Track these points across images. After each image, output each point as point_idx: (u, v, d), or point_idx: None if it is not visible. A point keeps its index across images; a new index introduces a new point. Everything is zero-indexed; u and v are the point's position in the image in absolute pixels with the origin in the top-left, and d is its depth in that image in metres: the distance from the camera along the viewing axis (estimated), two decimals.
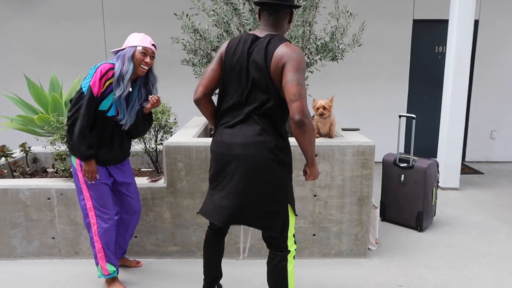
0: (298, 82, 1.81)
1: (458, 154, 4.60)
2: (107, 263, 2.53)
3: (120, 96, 2.36)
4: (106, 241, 2.51)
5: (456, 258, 3.08)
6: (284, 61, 1.84)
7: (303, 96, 1.81)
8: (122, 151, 2.58)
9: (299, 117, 1.79)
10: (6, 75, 5.73)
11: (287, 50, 1.85)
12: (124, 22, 5.62)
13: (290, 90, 1.81)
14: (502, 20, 5.66)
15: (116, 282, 2.61)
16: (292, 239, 2.07)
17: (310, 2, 3.16)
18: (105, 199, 2.49)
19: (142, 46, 2.38)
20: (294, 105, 1.80)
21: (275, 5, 1.94)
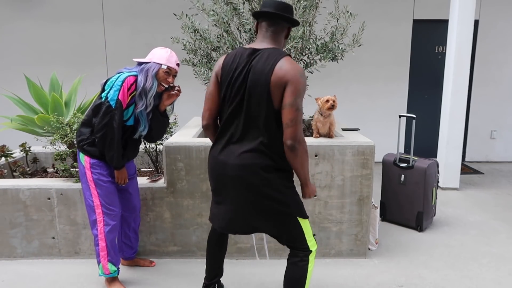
0: (296, 107, 1.82)
1: (458, 154, 4.60)
2: (109, 262, 2.54)
3: (142, 111, 2.42)
4: (111, 239, 2.53)
5: (456, 258, 3.08)
6: (286, 80, 1.82)
7: (299, 122, 1.83)
8: (133, 154, 2.64)
9: (291, 142, 1.83)
10: (6, 75, 5.73)
11: (291, 69, 1.83)
12: (124, 22, 5.62)
13: (287, 115, 1.82)
14: (502, 20, 5.66)
15: (116, 282, 2.61)
16: (312, 239, 2.06)
17: (310, 2, 3.16)
18: (112, 197, 2.51)
19: (168, 65, 2.40)
20: (288, 131, 1.83)
21: (275, 16, 1.93)
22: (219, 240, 2.32)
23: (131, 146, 2.58)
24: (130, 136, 2.53)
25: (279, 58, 1.86)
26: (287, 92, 1.82)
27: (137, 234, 2.86)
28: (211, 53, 3.36)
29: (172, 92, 2.52)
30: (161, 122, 2.59)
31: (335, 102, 2.90)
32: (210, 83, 2.05)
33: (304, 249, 2.04)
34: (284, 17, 1.93)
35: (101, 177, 2.47)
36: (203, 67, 3.31)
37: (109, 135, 2.36)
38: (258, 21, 2.00)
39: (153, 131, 2.58)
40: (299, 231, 2.01)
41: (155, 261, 3.01)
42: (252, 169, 1.90)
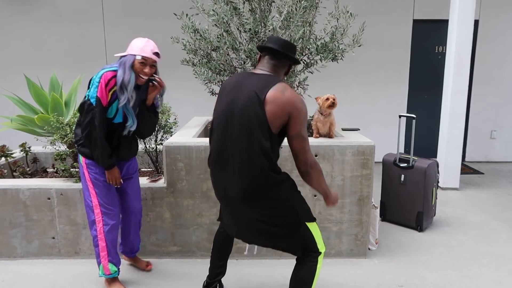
0: (303, 138, 1.89)
1: (458, 154, 4.60)
2: (109, 262, 2.53)
3: (126, 105, 2.37)
4: (111, 239, 2.52)
5: (456, 258, 3.08)
6: (290, 110, 1.85)
7: (308, 149, 1.91)
8: (129, 152, 2.61)
9: (304, 169, 1.92)
10: (6, 75, 5.73)
11: (293, 98, 1.86)
12: (124, 22, 5.61)
13: (296, 145, 1.89)
14: (502, 20, 5.66)
15: (116, 282, 2.61)
16: (322, 242, 2.08)
17: (310, 2, 3.15)
18: (110, 197, 2.51)
19: (142, 55, 2.33)
20: (299, 159, 1.91)
21: (279, 53, 1.97)
22: (227, 238, 2.35)
23: (125, 144, 2.54)
24: (122, 134, 2.50)
25: (276, 82, 1.88)
26: (292, 122, 1.87)
27: (138, 236, 2.84)
28: (211, 53, 3.36)
29: (151, 85, 2.46)
30: (148, 117, 2.53)
31: (335, 100, 2.90)
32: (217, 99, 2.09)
33: (314, 251, 2.06)
34: (288, 56, 1.99)
35: (98, 177, 2.46)
36: (203, 67, 3.31)
37: (92, 133, 2.34)
38: (262, 54, 2.04)
39: (140, 126, 2.53)
40: (310, 237, 2.04)
41: (155, 261, 3.01)
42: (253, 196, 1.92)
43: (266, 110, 1.84)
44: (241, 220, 2.05)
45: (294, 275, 2.08)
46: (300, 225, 2.02)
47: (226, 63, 3.27)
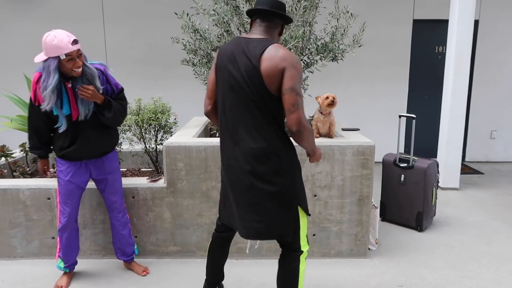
0: (297, 92, 1.83)
1: (458, 154, 4.60)
2: (59, 258, 2.68)
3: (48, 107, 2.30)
4: (62, 236, 2.62)
5: (456, 258, 3.08)
6: (284, 66, 1.82)
7: (301, 107, 1.84)
8: (93, 145, 2.52)
9: (296, 128, 1.84)
10: (6, 75, 5.73)
11: (287, 55, 1.83)
12: (124, 22, 5.61)
13: (288, 100, 1.82)
14: (502, 20, 5.66)
15: (63, 277, 2.71)
16: (305, 239, 2.07)
17: (310, 2, 3.16)
18: (66, 196, 2.56)
19: (65, 53, 2.18)
20: (291, 117, 1.83)
21: (269, 13, 1.94)
22: (222, 245, 2.30)
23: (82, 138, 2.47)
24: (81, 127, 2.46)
25: (268, 44, 1.86)
26: (285, 77, 1.82)
27: (126, 238, 2.79)
28: (211, 53, 3.36)
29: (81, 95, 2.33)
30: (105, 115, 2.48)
31: (334, 99, 2.90)
32: (211, 71, 2.07)
33: (296, 249, 2.04)
34: (278, 14, 1.94)
35: (60, 174, 2.56)
36: (203, 67, 3.31)
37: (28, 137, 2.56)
38: (252, 19, 2.01)
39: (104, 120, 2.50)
40: (297, 226, 2.01)
41: (155, 261, 3.01)
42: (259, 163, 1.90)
43: (262, 74, 1.82)
44: (242, 194, 1.97)
45: (278, 278, 2.07)
46: (293, 206, 1.98)
47: None
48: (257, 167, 1.91)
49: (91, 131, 2.50)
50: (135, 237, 3.02)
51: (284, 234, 2.01)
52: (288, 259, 2.05)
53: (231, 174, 2.00)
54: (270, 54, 1.83)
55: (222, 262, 2.35)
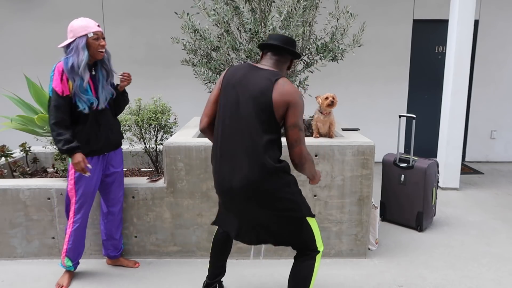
0: (299, 128, 1.94)
1: (458, 154, 4.60)
2: (66, 257, 2.66)
3: (81, 85, 2.39)
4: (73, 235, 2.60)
5: (456, 258, 3.08)
6: (289, 100, 1.91)
7: (303, 142, 1.96)
8: (114, 135, 2.65)
9: (298, 161, 1.97)
10: (6, 75, 5.73)
11: (293, 91, 1.92)
12: (124, 22, 5.61)
13: (292, 135, 1.93)
14: (502, 20, 5.66)
15: (65, 276, 2.70)
16: (320, 240, 2.11)
17: (310, 2, 3.16)
18: (88, 196, 2.58)
19: (93, 32, 2.38)
20: (295, 151, 1.95)
21: (280, 48, 2.04)
22: (226, 239, 2.35)
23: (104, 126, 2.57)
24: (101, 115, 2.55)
25: (280, 76, 1.96)
26: (290, 113, 1.92)
27: (120, 233, 2.88)
28: (211, 53, 3.36)
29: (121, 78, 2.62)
30: (121, 99, 2.69)
31: (334, 98, 2.90)
32: (215, 89, 2.11)
33: (313, 249, 2.08)
34: (289, 50, 2.05)
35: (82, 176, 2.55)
36: (203, 67, 3.31)
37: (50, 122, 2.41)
38: (264, 52, 2.11)
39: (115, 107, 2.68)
40: (310, 233, 2.06)
41: (155, 261, 3.01)
42: (260, 189, 1.94)
43: (273, 102, 1.91)
44: (244, 216, 2.04)
45: (292, 274, 2.09)
46: (303, 220, 2.04)
47: (226, 63, 3.27)
48: (256, 191, 1.94)
49: (109, 121, 2.61)
50: (135, 237, 3.02)
51: (294, 244, 2.08)
52: (305, 257, 2.08)
53: (227, 197, 2.03)
54: (280, 85, 1.92)
55: (225, 257, 2.40)
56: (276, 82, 1.93)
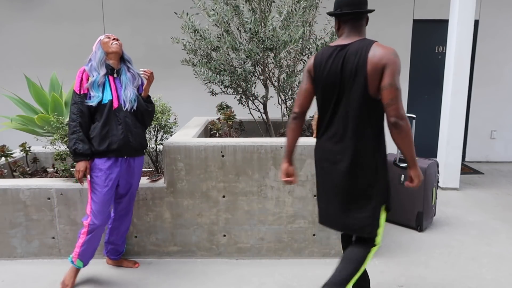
0: (396, 87, 1.90)
1: (458, 154, 4.60)
2: (78, 259, 2.61)
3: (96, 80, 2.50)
4: (88, 238, 2.55)
5: (456, 258, 3.08)
6: (384, 63, 1.90)
7: (400, 100, 1.91)
8: (133, 137, 2.59)
9: (394, 119, 1.90)
10: (6, 75, 5.73)
11: (385, 52, 1.91)
12: (124, 22, 5.61)
13: (388, 95, 1.90)
14: (502, 20, 5.66)
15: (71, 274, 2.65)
16: (381, 235, 2.09)
17: (310, 2, 3.16)
18: (103, 205, 2.54)
19: (104, 35, 2.62)
20: (390, 109, 1.90)
21: (359, 13, 2.02)
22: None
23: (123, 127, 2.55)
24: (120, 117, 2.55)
25: (370, 47, 1.94)
26: (385, 74, 1.90)
27: (125, 238, 2.89)
28: (211, 53, 3.36)
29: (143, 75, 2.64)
30: (145, 107, 2.66)
31: None
32: (304, 80, 2.12)
33: (373, 240, 2.07)
34: (366, 11, 2.04)
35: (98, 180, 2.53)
36: (203, 67, 3.31)
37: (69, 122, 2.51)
38: (341, 20, 2.06)
39: (140, 116, 2.65)
40: (379, 222, 2.05)
41: (155, 261, 3.01)
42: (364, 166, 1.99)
43: (368, 73, 1.91)
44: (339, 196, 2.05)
45: (348, 253, 2.08)
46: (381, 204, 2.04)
47: (226, 63, 3.27)
48: (358, 165, 1.98)
49: (131, 123, 2.59)
50: (135, 237, 3.02)
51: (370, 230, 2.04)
52: (363, 245, 2.08)
53: (333, 174, 2.06)
54: (374, 53, 1.91)
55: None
56: (369, 54, 1.91)
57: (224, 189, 2.94)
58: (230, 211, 2.97)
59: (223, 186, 2.93)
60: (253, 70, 3.33)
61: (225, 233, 3.01)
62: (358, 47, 1.95)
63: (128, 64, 2.70)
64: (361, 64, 1.92)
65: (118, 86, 2.59)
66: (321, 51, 2.06)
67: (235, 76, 3.28)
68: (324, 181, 2.11)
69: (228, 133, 3.46)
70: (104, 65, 2.57)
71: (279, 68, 3.32)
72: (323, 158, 2.09)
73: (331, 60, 2.00)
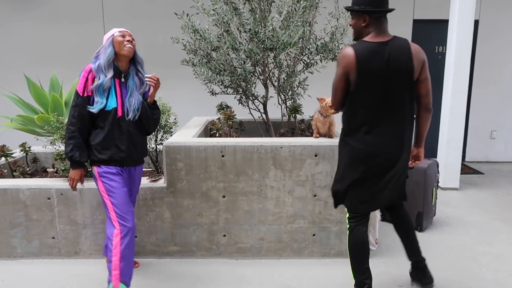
0: (429, 79, 2.26)
1: (458, 154, 4.60)
2: (121, 283, 2.32)
3: (102, 84, 2.32)
4: (123, 255, 2.31)
5: (456, 258, 3.08)
6: (423, 59, 2.20)
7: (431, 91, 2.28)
8: (135, 149, 2.48)
9: (430, 106, 2.29)
10: (6, 75, 5.73)
11: (421, 49, 2.22)
12: (124, 22, 5.61)
13: (426, 86, 2.24)
14: (502, 20, 5.66)
15: None
16: None
17: (310, 2, 3.16)
18: (127, 204, 2.37)
19: (118, 31, 2.42)
20: (428, 98, 2.26)
21: (389, 11, 2.25)
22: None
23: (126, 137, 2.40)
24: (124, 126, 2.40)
25: (408, 43, 2.20)
26: (424, 68, 2.21)
27: None
28: (211, 53, 3.36)
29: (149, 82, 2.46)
30: (150, 114, 2.53)
31: None
32: (342, 78, 2.23)
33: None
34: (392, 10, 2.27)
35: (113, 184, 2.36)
36: (203, 67, 3.31)
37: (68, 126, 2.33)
38: (371, 16, 2.20)
39: (145, 122, 2.52)
40: None
41: (155, 261, 3.01)
42: (407, 150, 2.27)
43: (414, 67, 2.16)
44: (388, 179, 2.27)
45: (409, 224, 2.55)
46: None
47: (226, 63, 3.27)
48: (406, 148, 2.24)
49: (134, 133, 2.45)
50: (135, 237, 3.02)
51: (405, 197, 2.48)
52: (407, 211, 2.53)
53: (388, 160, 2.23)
54: (415, 49, 2.19)
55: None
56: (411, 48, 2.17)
57: (224, 189, 2.94)
58: (230, 211, 2.97)
59: (223, 186, 2.93)
60: (253, 70, 3.33)
61: (225, 233, 3.01)
62: (399, 43, 2.17)
63: (139, 66, 2.49)
64: (408, 59, 2.13)
65: (124, 92, 2.41)
66: (360, 48, 2.15)
67: (235, 76, 3.28)
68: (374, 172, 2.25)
69: (228, 133, 3.46)
70: (111, 66, 2.36)
71: (279, 68, 3.32)
72: (376, 152, 2.21)
73: (376, 56, 2.13)
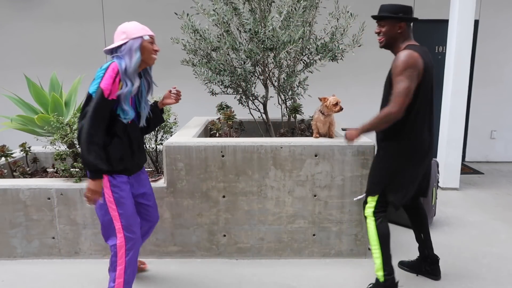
0: None
1: (458, 154, 4.60)
2: None
3: (129, 92, 2.11)
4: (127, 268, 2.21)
5: (456, 258, 3.08)
6: None
7: None
8: (141, 153, 2.36)
9: None
10: (6, 75, 5.73)
11: None
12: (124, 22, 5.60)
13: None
14: (502, 20, 5.66)
15: None
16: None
17: (310, 2, 3.16)
18: (135, 215, 2.24)
19: (149, 35, 2.19)
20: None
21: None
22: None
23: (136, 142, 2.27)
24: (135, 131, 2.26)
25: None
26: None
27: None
28: (211, 53, 3.36)
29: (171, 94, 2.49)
30: (157, 116, 2.50)
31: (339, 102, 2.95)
32: (413, 80, 2.27)
33: None
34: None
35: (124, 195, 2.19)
36: (203, 67, 3.31)
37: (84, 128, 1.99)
38: (407, 24, 2.47)
39: (152, 126, 2.47)
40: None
41: (155, 261, 3.01)
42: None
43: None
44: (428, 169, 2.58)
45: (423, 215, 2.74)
46: None
47: (226, 63, 3.28)
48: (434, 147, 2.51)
49: (140, 136, 2.33)
50: None
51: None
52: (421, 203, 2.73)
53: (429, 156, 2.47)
54: None
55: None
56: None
57: (224, 189, 2.94)
58: (230, 211, 2.97)
59: (223, 186, 2.93)
60: (253, 70, 3.33)
61: (225, 233, 3.01)
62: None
63: (149, 69, 2.36)
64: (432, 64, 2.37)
65: (138, 98, 2.29)
66: (419, 51, 2.30)
67: (235, 76, 3.28)
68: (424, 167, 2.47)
69: (228, 133, 3.46)
70: (137, 73, 2.15)
71: (279, 68, 3.32)
72: (430, 147, 2.42)
73: (428, 57, 2.34)
